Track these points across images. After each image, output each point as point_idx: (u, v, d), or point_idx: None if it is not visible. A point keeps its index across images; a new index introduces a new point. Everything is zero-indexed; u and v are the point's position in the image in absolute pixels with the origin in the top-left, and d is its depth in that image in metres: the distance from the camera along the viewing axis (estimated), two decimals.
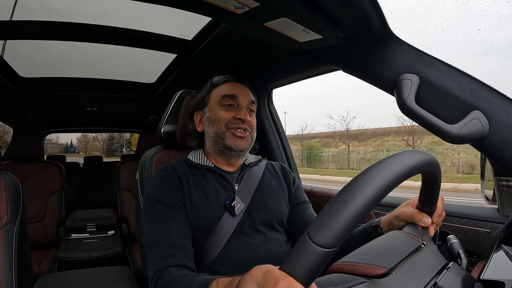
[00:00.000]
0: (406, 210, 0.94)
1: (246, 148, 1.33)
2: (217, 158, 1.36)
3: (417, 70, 1.16)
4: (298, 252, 0.51)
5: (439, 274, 0.68)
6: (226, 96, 1.33)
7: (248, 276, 0.57)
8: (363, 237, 1.11)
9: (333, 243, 0.49)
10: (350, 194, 0.53)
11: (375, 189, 0.53)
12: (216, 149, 1.33)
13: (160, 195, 1.21)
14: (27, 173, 3.07)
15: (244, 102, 1.33)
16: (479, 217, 1.35)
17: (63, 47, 2.08)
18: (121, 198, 3.50)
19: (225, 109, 1.32)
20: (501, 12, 1.25)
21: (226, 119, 1.30)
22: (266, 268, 0.54)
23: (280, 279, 0.49)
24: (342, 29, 1.23)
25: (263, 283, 0.52)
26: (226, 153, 1.32)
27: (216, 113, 1.32)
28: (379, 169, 0.56)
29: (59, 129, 5.11)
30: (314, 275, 0.50)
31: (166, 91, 2.84)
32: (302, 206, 1.42)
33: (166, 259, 1.08)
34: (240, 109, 1.32)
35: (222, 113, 1.31)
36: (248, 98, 1.36)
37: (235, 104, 1.32)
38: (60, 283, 1.91)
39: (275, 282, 0.50)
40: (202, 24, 1.73)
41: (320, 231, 0.50)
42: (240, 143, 1.30)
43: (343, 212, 0.51)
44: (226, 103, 1.32)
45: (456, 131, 1.04)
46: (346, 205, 0.52)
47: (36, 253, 2.83)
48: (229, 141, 1.29)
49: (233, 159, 1.35)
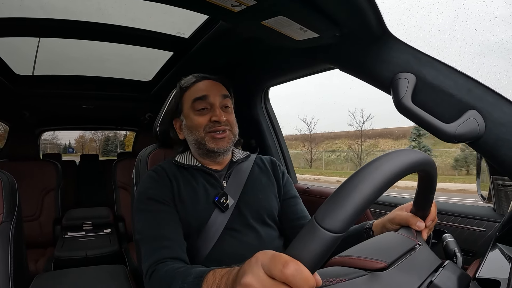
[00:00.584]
0: (401, 213, 0.96)
1: (229, 146, 1.33)
2: (204, 160, 1.36)
3: (414, 69, 1.16)
4: (306, 237, 0.50)
5: (435, 272, 0.69)
6: (196, 99, 1.31)
7: (253, 260, 0.55)
8: (355, 238, 1.12)
9: (341, 228, 0.49)
10: (358, 181, 0.53)
11: (382, 178, 0.54)
12: (201, 153, 1.34)
13: (152, 192, 1.22)
14: (23, 172, 3.05)
15: (216, 101, 1.32)
16: (475, 216, 1.36)
17: (59, 44, 2.07)
18: (117, 197, 3.49)
19: (200, 114, 1.31)
20: (497, 13, 1.26)
21: (203, 125, 1.29)
22: (272, 252, 0.53)
23: (289, 261, 0.48)
24: (339, 27, 1.23)
25: (270, 266, 0.51)
26: (210, 155, 1.33)
27: (191, 120, 1.32)
28: (386, 160, 0.57)
29: (55, 127, 5.10)
30: (321, 260, 0.50)
31: (163, 89, 2.84)
32: (292, 201, 1.42)
33: (161, 251, 1.08)
34: (214, 110, 1.30)
35: (197, 118, 1.30)
36: (220, 94, 1.34)
37: (208, 106, 1.31)
38: (56, 282, 1.90)
39: (284, 264, 0.48)
40: (199, 22, 1.72)
41: (328, 215, 0.50)
42: (222, 144, 1.30)
43: (351, 197, 0.51)
44: (199, 108, 1.31)
45: (452, 130, 1.05)
46: (354, 191, 0.52)
47: (32, 252, 2.82)
48: (211, 145, 1.29)
49: (219, 158, 1.35)
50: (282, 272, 0.48)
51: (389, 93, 1.22)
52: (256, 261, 0.54)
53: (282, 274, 0.48)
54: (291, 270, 0.48)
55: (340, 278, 0.61)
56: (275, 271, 0.50)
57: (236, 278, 0.62)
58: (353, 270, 0.65)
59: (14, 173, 1.53)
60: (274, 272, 0.50)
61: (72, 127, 5.25)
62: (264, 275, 0.52)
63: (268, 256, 0.52)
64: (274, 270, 0.50)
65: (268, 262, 0.52)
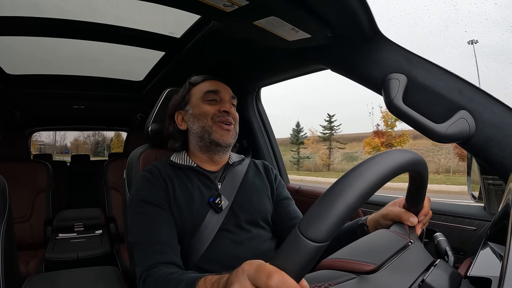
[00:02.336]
0: (393, 209, 0.96)
1: (232, 142, 1.34)
2: (201, 156, 1.36)
3: (405, 70, 1.17)
4: (289, 247, 0.50)
5: (426, 271, 0.69)
6: (209, 91, 1.35)
7: (239, 271, 0.56)
8: (349, 235, 1.12)
9: (324, 238, 0.49)
10: (341, 189, 0.53)
11: (365, 185, 0.54)
12: (202, 145, 1.34)
13: (146, 194, 1.22)
14: (13, 172, 3.01)
15: (226, 96, 1.36)
16: (466, 215, 1.37)
17: (50, 44, 2.06)
18: (109, 198, 3.46)
19: (209, 103, 1.33)
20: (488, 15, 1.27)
21: (211, 113, 1.31)
22: (258, 263, 0.53)
23: (273, 273, 0.49)
24: (330, 28, 1.23)
25: (255, 277, 0.51)
26: (211, 148, 1.33)
27: (200, 108, 1.33)
28: (369, 165, 0.57)
29: (46, 128, 5.06)
30: (305, 269, 0.50)
31: (154, 89, 2.83)
32: (285, 202, 1.43)
33: (154, 256, 1.08)
34: (223, 102, 1.34)
35: (207, 107, 1.33)
36: (229, 94, 1.38)
37: (218, 99, 1.34)
38: (48, 284, 1.89)
39: (268, 275, 0.49)
40: (191, 21, 1.72)
41: (311, 225, 0.50)
42: (227, 137, 1.31)
43: (334, 206, 0.51)
44: (209, 98, 1.34)
45: (443, 130, 1.05)
46: (337, 199, 0.52)
47: (23, 254, 2.79)
48: (216, 136, 1.29)
49: (217, 156, 1.35)
50: (267, 284, 0.49)
51: (381, 93, 1.23)
52: (242, 272, 0.55)
53: (266, 286, 0.49)
54: (275, 282, 0.48)
55: (328, 282, 0.61)
56: (260, 282, 0.50)
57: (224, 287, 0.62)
58: (342, 274, 0.65)
59: (5, 174, 1.51)
60: (259, 283, 0.50)
61: (63, 127, 5.20)
62: (250, 285, 0.53)
63: (254, 267, 0.53)
64: (259, 281, 0.50)
65: (254, 273, 0.52)
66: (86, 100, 3.23)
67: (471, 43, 15.15)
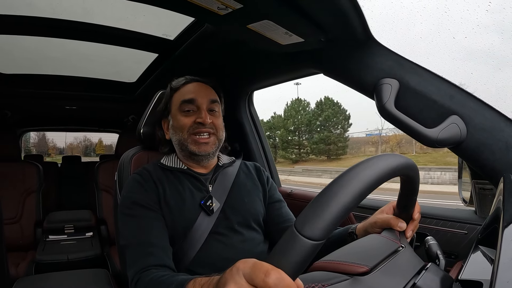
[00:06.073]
0: (381, 216, 0.96)
1: (212, 151, 1.33)
2: (188, 162, 1.36)
3: (397, 75, 1.18)
4: (286, 245, 0.50)
5: (418, 275, 0.69)
6: (184, 101, 1.32)
7: (233, 269, 0.55)
8: (338, 242, 1.12)
9: (320, 236, 0.49)
10: (337, 188, 0.54)
11: (361, 185, 0.54)
12: (184, 155, 1.34)
13: (137, 197, 1.21)
14: (4, 173, 2.98)
15: (203, 104, 1.32)
16: (457, 219, 1.38)
17: (43, 43, 2.04)
18: (100, 199, 3.44)
19: (186, 115, 1.31)
20: (480, 21, 1.29)
21: (187, 126, 1.30)
22: (253, 261, 0.53)
23: (271, 270, 0.48)
24: (324, 33, 1.24)
25: (252, 275, 0.51)
26: (193, 158, 1.33)
27: (177, 121, 1.32)
28: (365, 167, 0.58)
29: (37, 128, 5.02)
30: (301, 268, 0.50)
31: (147, 91, 2.82)
32: (277, 204, 1.42)
33: (146, 258, 1.07)
34: (200, 111, 1.30)
35: (183, 119, 1.31)
36: (208, 98, 1.34)
37: (195, 108, 1.31)
38: (38, 286, 1.88)
39: (265, 273, 0.48)
40: (184, 24, 1.72)
41: (308, 223, 0.50)
42: (205, 148, 1.30)
43: (330, 205, 0.51)
44: (185, 109, 1.31)
45: (435, 135, 1.06)
46: (334, 198, 0.52)
47: (13, 256, 2.76)
48: (192, 148, 1.29)
49: (203, 162, 1.35)
50: (264, 281, 0.48)
51: (373, 98, 1.24)
52: (237, 270, 0.54)
53: (264, 283, 0.48)
54: (273, 279, 0.48)
55: (322, 283, 0.61)
56: (257, 280, 0.50)
57: (216, 287, 0.62)
58: (335, 275, 0.65)
59: None
60: (256, 281, 0.50)
61: (54, 128, 5.16)
62: (246, 283, 0.52)
63: (249, 265, 0.52)
64: (256, 279, 0.50)
65: (250, 271, 0.52)
66: (78, 101, 3.21)
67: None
